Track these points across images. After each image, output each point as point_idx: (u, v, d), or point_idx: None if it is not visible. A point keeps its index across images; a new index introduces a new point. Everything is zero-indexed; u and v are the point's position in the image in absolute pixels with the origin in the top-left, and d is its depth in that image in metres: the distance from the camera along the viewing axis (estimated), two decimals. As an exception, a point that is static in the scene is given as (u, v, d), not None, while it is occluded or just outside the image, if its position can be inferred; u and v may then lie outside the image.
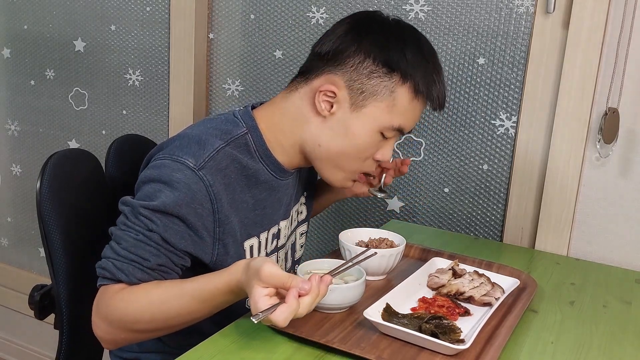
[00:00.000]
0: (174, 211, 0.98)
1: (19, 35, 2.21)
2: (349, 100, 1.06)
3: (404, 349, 0.92)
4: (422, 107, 1.10)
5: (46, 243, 1.17)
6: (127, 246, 0.98)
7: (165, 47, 1.93)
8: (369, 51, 1.05)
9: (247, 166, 1.08)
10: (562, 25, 1.41)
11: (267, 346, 0.93)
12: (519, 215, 1.52)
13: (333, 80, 1.06)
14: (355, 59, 1.05)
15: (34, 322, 2.34)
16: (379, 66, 1.05)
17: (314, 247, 1.82)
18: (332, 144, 1.09)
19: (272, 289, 0.86)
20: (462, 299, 1.09)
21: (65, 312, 1.19)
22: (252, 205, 1.10)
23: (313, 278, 0.86)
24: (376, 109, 1.06)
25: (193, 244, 1.01)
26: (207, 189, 1.01)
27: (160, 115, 1.99)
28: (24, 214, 2.37)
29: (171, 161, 1.01)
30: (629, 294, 1.22)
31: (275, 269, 0.85)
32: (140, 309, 0.96)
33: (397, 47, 1.06)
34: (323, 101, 1.07)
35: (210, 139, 1.05)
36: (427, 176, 1.64)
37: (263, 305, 0.84)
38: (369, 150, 1.10)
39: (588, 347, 1.00)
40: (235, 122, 1.10)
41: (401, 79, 1.06)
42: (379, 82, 1.05)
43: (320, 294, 0.87)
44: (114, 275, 0.98)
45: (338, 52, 1.06)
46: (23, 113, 2.28)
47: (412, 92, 1.06)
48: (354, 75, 1.05)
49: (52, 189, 1.16)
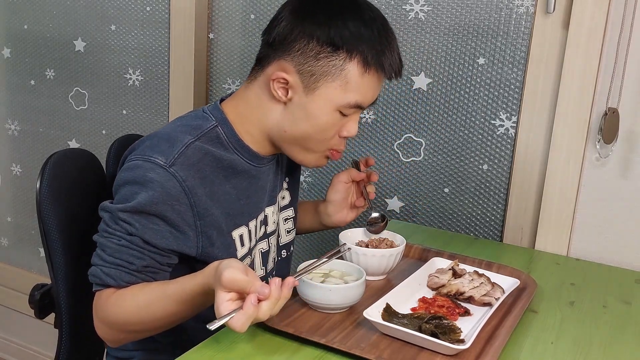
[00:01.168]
0: (151, 210, 1.00)
1: (19, 35, 2.21)
2: (301, 84, 1.06)
3: (404, 349, 0.92)
4: (378, 79, 1.09)
5: (46, 242, 1.17)
6: (111, 252, 1.01)
7: (165, 47, 1.93)
8: (312, 32, 1.05)
9: (221, 158, 1.09)
10: (562, 25, 1.41)
11: (267, 346, 0.93)
12: (519, 215, 1.52)
13: (283, 66, 1.07)
14: (300, 43, 1.05)
15: (33, 321, 2.34)
16: (324, 46, 1.04)
17: (314, 247, 1.82)
18: (295, 129, 1.09)
19: (235, 294, 0.87)
20: (462, 299, 1.09)
21: (64, 311, 1.19)
22: (236, 196, 1.12)
23: (272, 282, 0.86)
24: (329, 89, 1.06)
25: (175, 241, 1.03)
26: (181, 185, 1.02)
27: (160, 115, 1.99)
28: (24, 214, 2.37)
29: (143, 161, 1.03)
30: (629, 294, 1.22)
31: (236, 274, 0.85)
32: (130, 312, 0.99)
33: (338, 22, 1.05)
34: (278, 88, 1.08)
35: (179, 135, 1.06)
36: (427, 176, 1.64)
37: (224, 310, 0.85)
38: (332, 130, 1.10)
39: (588, 348, 1.00)
40: (204, 117, 1.12)
41: (347, 55, 1.05)
42: (327, 62, 1.05)
43: (283, 296, 0.87)
44: (103, 281, 1.01)
45: (283, 37, 1.06)
46: (23, 113, 2.28)
47: (362, 67, 1.06)
48: (302, 59, 1.05)
49: (52, 188, 1.16)
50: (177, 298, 0.96)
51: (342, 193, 1.29)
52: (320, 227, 1.37)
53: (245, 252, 1.14)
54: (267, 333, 0.96)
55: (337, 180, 1.29)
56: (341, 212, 1.31)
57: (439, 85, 1.59)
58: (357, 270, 1.08)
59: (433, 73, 1.59)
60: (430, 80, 1.59)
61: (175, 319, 0.99)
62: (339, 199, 1.30)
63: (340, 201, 1.30)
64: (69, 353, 1.21)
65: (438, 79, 1.59)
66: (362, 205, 1.30)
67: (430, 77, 1.59)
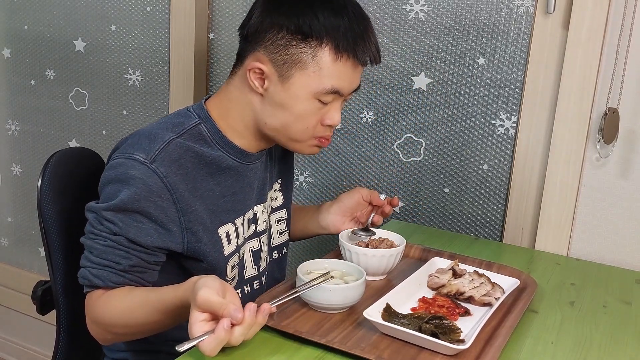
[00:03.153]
0: (134, 207, 1.01)
1: (19, 35, 2.21)
2: (276, 73, 1.08)
3: (404, 349, 0.92)
4: (353, 65, 1.09)
5: (46, 240, 1.18)
6: (98, 253, 1.02)
7: (165, 47, 1.93)
8: (282, 23, 1.06)
9: (203, 154, 1.09)
10: (562, 26, 1.41)
11: (267, 346, 0.93)
12: (519, 215, 1.52)
13: (258, 57, 1.08)
14: (271, 33, 1.07)
15: (33, 321, 2.34)
16: (294, 35, 1.06)
17: (314, 247, 1.82)
18: (274, 119, 1.10)
19: (209, 315, 0.85)
20: (462, 299, 1.09)
21: (62, 309, 1.20)
22: (219, 193, 1.12)
23: (247, 307, 0.85)
24: (303, 76, 1.07)
25: (160, 238, 1.04)
26: (162, 181, 1.03)
27: (160, 115, 1.99)
28: (24, 214, 2.37)
29: (124, 159, 1.04)
30: (629, 294, 1.22)
31: (210, 295, 0.84)
32: (116, 315, 1.01)
33: (307, 11, 1.06)
34: (255, 79, 1.09)
35: (160, 132, 1.07)
36: (427, 176, 1.64)
37: (196, 331, 0.84)
38: (311, 118, 1.11)
39: (588, 348, 1.00)
40: (187, 115, 1.13)
41: (318, 43, 1.06)
42: (298, 50, 1.06)
43: (257, 322, 0.86)
44: (92, 282, 1.03)
45: (256, 30, 1.08)
46: (23, 113, 2.28)
47: (334, 54, 1.06)
48: (274, 49, 1.07)
49: (53, 186, 1.17)
50: (158, 307, 0.96)
51: (354, 202, 1.31)
52: (314, 228, 1.37)
53: (232, 249, 1.15)
54: (267, 333, 0.96)
55: (358, 190, 1.31)
56: (342, 217, 1.32)
57: (439, 85, 1.59)
58: (357, 270, 1.08)
59: (433, 73, 1.59)
60: (430, 80, 1.59)
61: (157, 326, 1.00)
62: (348, 205, 1.31)
63: (348, 207, 1.31)
64: (66, 351, 1.22)
65: (438, 79, 1.59)
66: (362, 222, 1.31)
67: (430, 77, 1.59)
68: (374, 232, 1.26)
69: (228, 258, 1.14)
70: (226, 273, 1.14)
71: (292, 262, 1.78)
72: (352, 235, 1.26)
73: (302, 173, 1.79)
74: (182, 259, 1.10)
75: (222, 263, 1.12)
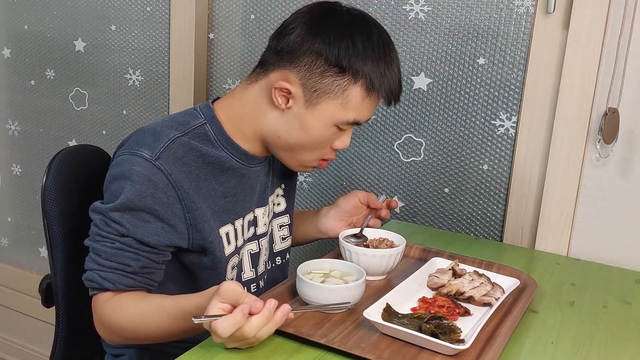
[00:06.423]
0: (139, 205, 1.01)
1: (19, 35, 2.21)
2: (303, 97, 1.08)
3: (404, 349, 0.92)
4: (377, 101, 1.12)
5: (48, 236, 1.18)
6: (107, 256, 1.02)
7: (165, 47, 1.93)
8: (320, 51, 1.06)
9: (207, 154, 1.10)
10: (562, 26, 1.41)
11: (267, 346, 0.93)
12: (519, 215, 1.52)
13: (287, 77, 1.08)
14: (307, 59, 1.07)
15: (33, 321, 2.34)
16: (331, 66, 1.06)
17: (314, 247, 1.82)
18: (289, 136, 1.11)
19: (228, 305, 0.86)
20: (462, 299, 1.09)
21: (61, 305, 1.20)
22: (221, 193, 1.12)
23: (269, 301, 0.86)
24: (330, 106, 1.08)
25: (167, 236, 1.04)
26: (167, 178, 1.03)
27: (160, 115, 1.99)
28: (25, 214, 2.37)
29: (129, 155, 1.04)
30: (629, 294, 1.22)
31: (234, 285, 0.87)
32: (126, 319, 1.01)
33: (347, 44, 1.06)
34: (279, 96, 1.09)
35: (165, 130, 1.07)
36: (427, 176, 1.64)
37: (213, 312, 0.85)
38: (325, 142, 1.13)
39: (588, 347, 1.00)
40: (193, 115, 1.13)
41: (352, 78, 1.07)
42: (332, 82, 1.07)
43: (275, 320, 0.87)
44: (102, 286, 1.02)
45: (292, 49, 1.08)
46: (23, 113, 2.28)
47: (365, 90, 1.08)
48: (307, 74, 1.07)
49: (57, 183, 1.19)
50: (173, 313, 0.97)
51: (351, 206, 1.31)
52: (314, 233, 1.37)
53: (232, 250, 1.15)
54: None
55: (355, 194, 1.31)
56: (340, 221, 1.32)
57: (439, 85, 1.59)
58: (357, 270, 1.09)
59: (433, 73, 1.59)
60: (430, 80, 1.59)
61: (167, 334, 1.00)
62: (345, 209, 1.31)
63: (345, 212, 1.31)
64: (65, 348, 1.22)
65: (438, 79, 1.59)
66: (359, 226, 1.31)
67: (430, 77, 1.59)
68: (366, 238, 1.25)
69: (228, 258, 1.14)
70: (226, 273, 1.14)
71: (292, 262, 1.77)
72: (346, 239, 1.24)
73: (302, 173, 1.79)
74: (184, 255, 1.10)
75: (223, 262, 1.13)
